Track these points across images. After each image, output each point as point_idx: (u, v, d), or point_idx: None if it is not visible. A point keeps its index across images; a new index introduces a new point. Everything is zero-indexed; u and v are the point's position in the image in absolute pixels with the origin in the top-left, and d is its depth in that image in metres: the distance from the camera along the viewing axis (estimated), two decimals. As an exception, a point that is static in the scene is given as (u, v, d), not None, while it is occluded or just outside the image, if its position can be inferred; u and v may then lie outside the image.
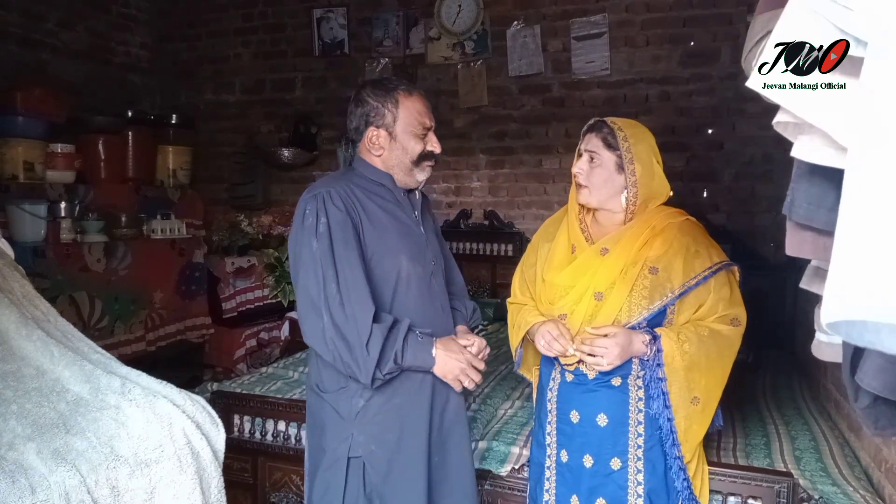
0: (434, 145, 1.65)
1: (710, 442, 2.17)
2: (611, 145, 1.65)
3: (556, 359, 1.69)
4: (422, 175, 1.67)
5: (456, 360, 1.58)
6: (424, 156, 1.64)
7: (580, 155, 1.70)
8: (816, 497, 1.78)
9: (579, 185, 1.69)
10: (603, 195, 1.68)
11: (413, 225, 1.67)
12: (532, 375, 1.93)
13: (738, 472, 1.85)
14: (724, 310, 1.64)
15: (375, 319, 1.49)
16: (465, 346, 1.63)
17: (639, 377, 1.63)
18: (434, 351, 1.57)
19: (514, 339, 1.83)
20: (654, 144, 1.70)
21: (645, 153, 1.66)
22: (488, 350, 1.69)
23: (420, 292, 1.62)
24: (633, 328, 1.60)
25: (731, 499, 1.85)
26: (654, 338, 1.58)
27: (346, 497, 1.59)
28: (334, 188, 1.56)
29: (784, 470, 1.91)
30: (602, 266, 1.65)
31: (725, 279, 1.66)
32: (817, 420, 2.41)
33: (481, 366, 1.64)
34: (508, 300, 1.92)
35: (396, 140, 1.61)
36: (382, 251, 1.58)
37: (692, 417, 1.61)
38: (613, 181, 1.66)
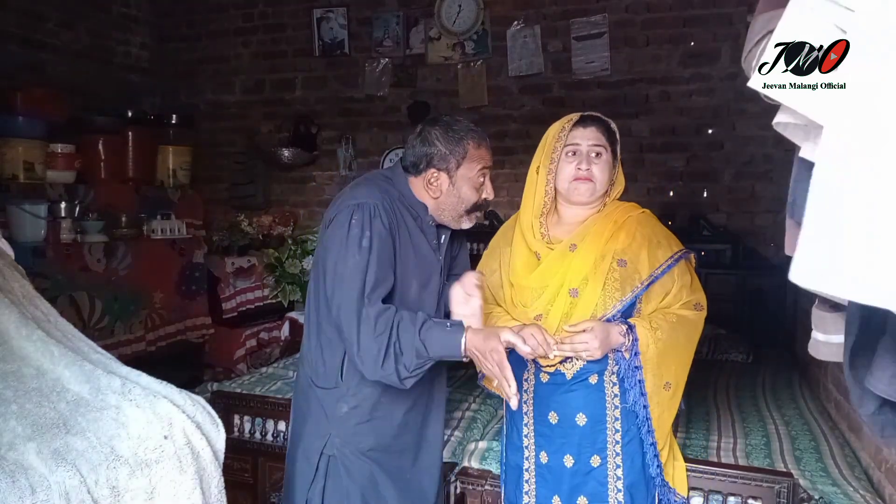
0: (489, 191, 1.66)
1: (710, 442, 2.17)
2: (610, 140, 1.71)
3: (534, 361, 1.68)
4: (467, 224, 1.69)
5: (486, 358, 1.43)
6: (477, 206, 1.67)
7: (573, 153, 1.70)
8: (816, 497, 1.78)
9: (586, 180, 1.67)
10: (604, 190, 1.72)
11: (431, 252, 1.68)
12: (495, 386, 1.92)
13: (738, 472, 1.85)
14: (687, 296, 1.69)
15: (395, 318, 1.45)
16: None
17: (613, 373, 1.65)
18: (463, 342, 1.44)
19: None
20: None
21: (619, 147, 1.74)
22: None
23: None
24: (608, 321, 1.62)
25: (731, 499, 1.84)
26: (630, 328, 1.61)
27: (325, 493, 1.61)
28: (381, 202, 1.56)
29: (784, 470, 1.91)
30: (573, 262, 1.67)
31: (685, 267, 1.72)
32: (817, 420, 2.40)
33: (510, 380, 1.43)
34: None
35: (454, 186, 1.63)
36: (400, 272, 1.59)
37: (664, 404, 1.65)
38: (610, 175, 1.71)
